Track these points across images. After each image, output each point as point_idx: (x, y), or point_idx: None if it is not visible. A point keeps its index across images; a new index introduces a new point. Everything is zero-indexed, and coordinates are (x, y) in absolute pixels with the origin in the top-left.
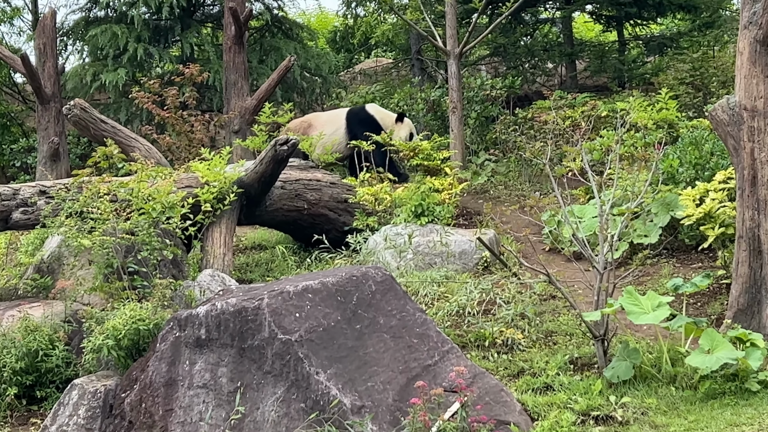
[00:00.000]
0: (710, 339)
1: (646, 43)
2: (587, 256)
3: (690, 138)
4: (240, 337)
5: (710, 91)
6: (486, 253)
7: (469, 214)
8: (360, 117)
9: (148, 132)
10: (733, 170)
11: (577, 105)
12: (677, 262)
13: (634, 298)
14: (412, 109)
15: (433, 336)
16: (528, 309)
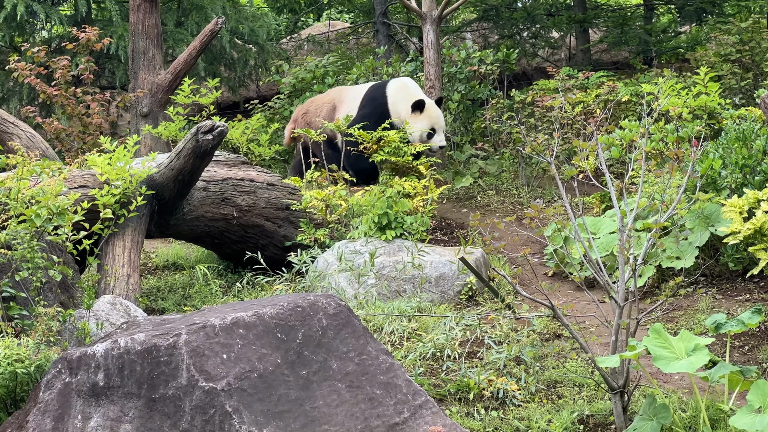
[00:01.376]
0: (762, 393)
1: (679, 7)
2: (602, 284)
3: (736, 132)
4: (149, 384)
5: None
6: (471, 278)
7: (449, 226)
8: (370, 97)
9: (31, 114)
10: None
11: (591, 87)
12: (719, 292)
13: (663, 340)
14: None
15: (401, 386)
16: (525, 352)
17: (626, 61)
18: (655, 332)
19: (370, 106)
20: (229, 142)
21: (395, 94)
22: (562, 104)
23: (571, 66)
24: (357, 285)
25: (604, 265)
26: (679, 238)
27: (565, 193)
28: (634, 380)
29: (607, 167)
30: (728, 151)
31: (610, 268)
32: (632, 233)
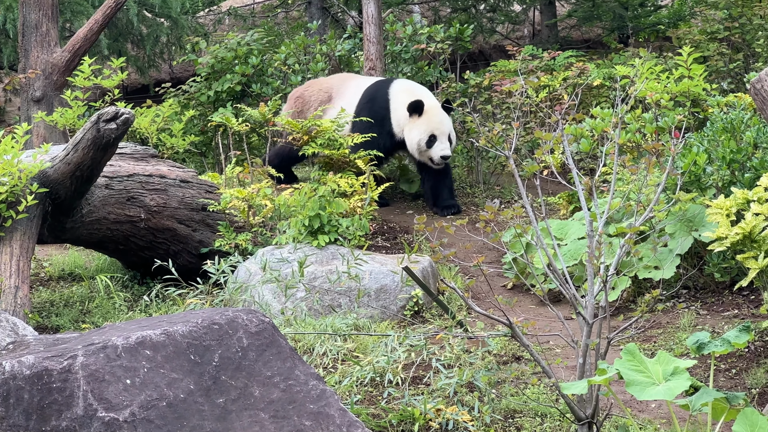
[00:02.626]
0: (749, 423)
1: None
2: (569, 298)
3: (723, 122)
4: (39, 415)
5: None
6: (417, 290)
7: (392, 231)
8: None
9: None
10: None
11: (558, 68)
12: (703, 307)
13: (638, 362)
14: (307, 70)
15: (334, 416)
16: (479, 377)
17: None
18: (628, 353)
19: (368, 108)
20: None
21: (398, 95)
22: (523, 89)
23: (535, 44)
24: (284, 298)
25: (571, 276)
26: (658, 245)
27: (525, 192)
28: (604, 409)
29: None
30: (714, 144)
31: (578, 279)
32: (604, 239)
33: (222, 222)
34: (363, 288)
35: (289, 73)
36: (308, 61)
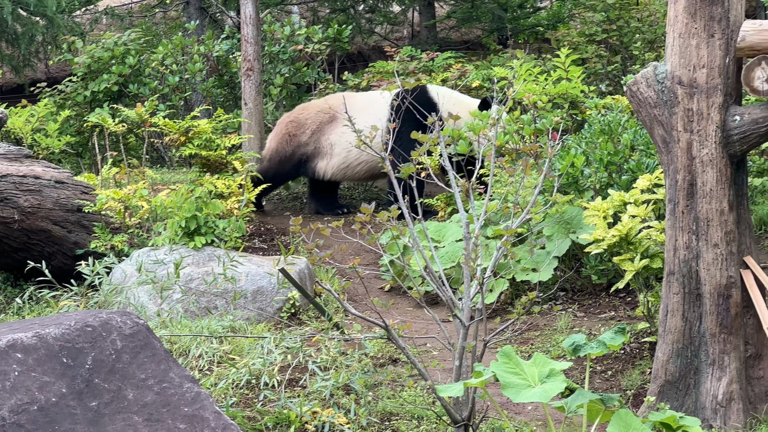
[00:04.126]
0: (624, 425)
1: None
2: (445, 300)
3: (601, 124)
4: None
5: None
6: (294, 292)
7: (269, 232)
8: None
9: None
10: (663, 173)
11: (437, 69)
12: (580, 309)
13: (514, 364)
14: (185, 70)
15: (209, 419)
16: (356, 379)
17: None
18: (504, 356)
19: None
20: (11, 131)
21: (444, 98)
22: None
23: (415, 45)
24: (160, 300)
25: (449, 279)
26: (535, 247)
27: (401, 194)
28: (480, 411)
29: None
30: (592, 146)
31: (456, 281)
32: (481, 241)
33: (98, 223)
34: (239, 290)
35: (166, 74)
36: (186, 61)
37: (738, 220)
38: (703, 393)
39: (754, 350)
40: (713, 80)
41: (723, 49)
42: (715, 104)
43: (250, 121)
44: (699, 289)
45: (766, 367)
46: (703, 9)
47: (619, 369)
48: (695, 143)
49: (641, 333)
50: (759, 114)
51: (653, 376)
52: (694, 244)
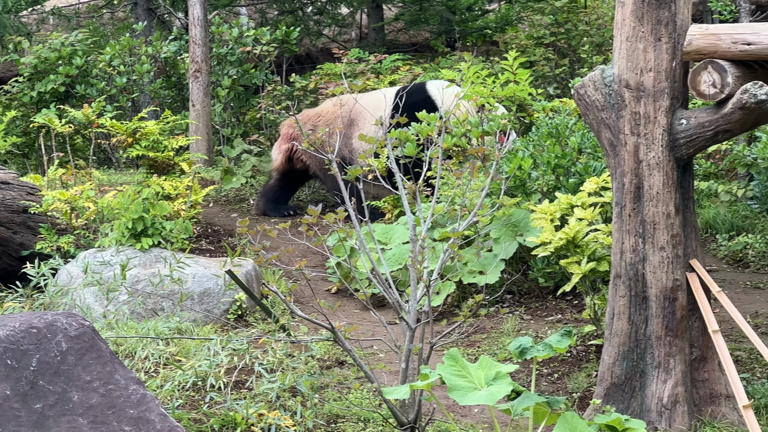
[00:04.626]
0: (569, 427)
1: None
2: (392, 303)
3: (549, 127)
4: None
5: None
6: (241, 294)
7: (216, 234)
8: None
9: None
10: (610, 176)
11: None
12: (527, 312)
13: (460, 367)
14: (132, 71)
15: (154, 421)
16: (302, 381)
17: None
18: (451, 358)
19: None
20: None
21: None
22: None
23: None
24: (106, 302)
25: (396, 281)
26: (482, 250)
27: (348, 195)
28: (427, 414)
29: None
30: (540, 149)
31: (403, 284)
32: (428, 244)
33: (44, 224)
34: (186, 291)
35: (114, 75)
36: (133, 62)
37: (684, 224)
38: (648, 396)
39: (699, 353)
40: (660, 84)
41: (670, 53)
42: (662, 108)
43: (198, 123)
44: (645, 292)
45: (710, 370)
46: (651, 13)
47: (566, 372)
48: (642, 146)
49: (588, 336)
50: (705, 118)
51: (599, 379)
52: (640, 247)
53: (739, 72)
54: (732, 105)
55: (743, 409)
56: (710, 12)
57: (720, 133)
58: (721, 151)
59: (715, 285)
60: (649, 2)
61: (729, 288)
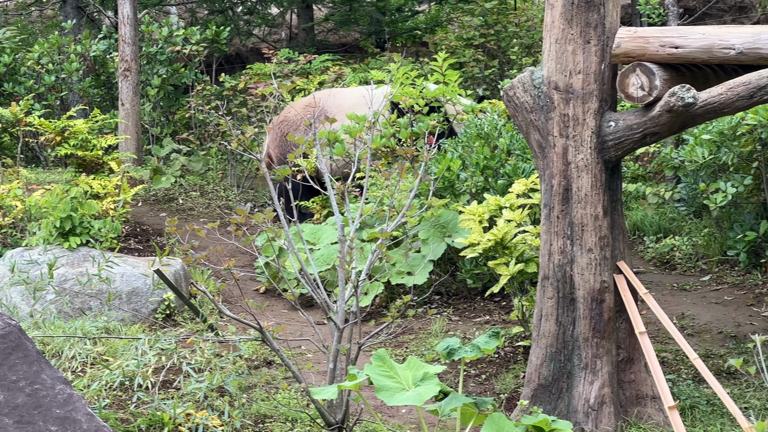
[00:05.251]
0: (496, 428)
1: None
2: (320, 303)
3: (478, 128)
4: None
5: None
6: (169, 294)
7: (145, 233)
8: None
9: None
10: (539, 178)
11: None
12: (455, 313)
13: (388, 368)
14: (61, 70)
15: (81, 421)
16: (230, 381)
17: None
18: (378, 359)
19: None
20: None
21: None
22: (278, 92)
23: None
24: (33, 301)
25: (324, 281)
26: (411, 251)
27: (277, 196)
28: (355, 414)
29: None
30: (468, 150)
31: (331, 284)
32: (356, 244)
33: None
34: (114, 291)
35: (42, 73)
36: (62, 60)
37: (612, 226)
38: (575, 397)
39: (625, 354)
40: (589, 86)
41: (599, 56)
42: (591, 110)
43: (127, 122)
44: (573, 294)
45: (637, 371)
46: (580, 15)
47: (493, 373)
48: (571, 148)
49: (515, 337)
50: (633, 120)
51: (527, 380)
52: (568, 248)
53: (667, 75)
54: (660, 108)
55: (668, 410)
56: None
57: (648, 135)
58: (649, 153)
59: (642, 287)
60: (579, 5)
61: (656, 290)
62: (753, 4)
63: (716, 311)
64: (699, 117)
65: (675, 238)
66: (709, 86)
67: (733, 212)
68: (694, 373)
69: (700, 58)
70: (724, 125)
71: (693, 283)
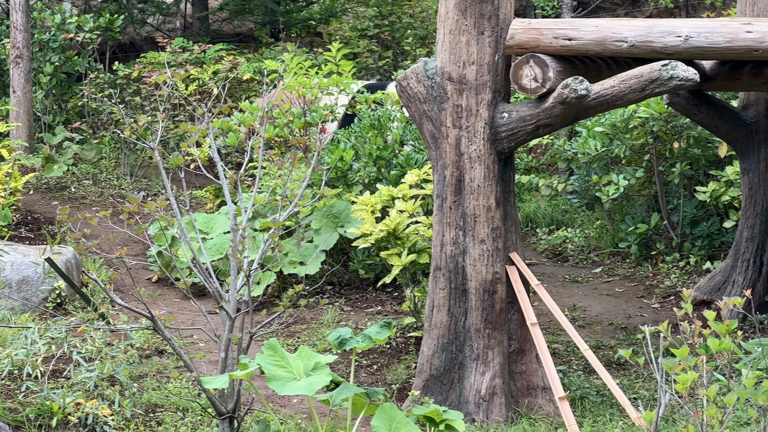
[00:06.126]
0: (388, 419)
1: None
2: (212, 292)
3: (371, 119)
4: None
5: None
6: (60, 282)
7: (36, 221)
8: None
9: None
10: (432, 169)
11: (208, 61)
12: (347, 303)
13: (280, 357)
14: None
15: None
16: (121, 370)
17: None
18: (270, 348)
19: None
20: None
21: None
22: (171, 81)
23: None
24: None
25: (216, 271)
26: (303, 240)
27: (170, 184)
28: (246, 404)
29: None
30: (362, 140)
31: (224, 273)
32: (248, 233)
33: None
34: (4, 279)
35: None
36: None
37: (505, 217)
38: (467, 387)
39: (517, 345)
40: (482, 77)
41: (492, 47)
42: (484, 101)
43: (19, 109)
44: (465, 285)
45: (528, 362)
46: (474, 6)
47: (385, 363)
48: (464, 139)
49: (407, 328)
50: (527, 111)
51: (418, 371)
52: (461, 239)
53: (561, 67)
54: (553, 99)
55: (559, 400)
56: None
57: (541, 127)
58: (542, 145)
59: (534, 278)
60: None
61: (548, 281)
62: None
63: (607, 303)
64: (592, 109)
65: (567, 230)
66: (602, 79)
67: (625, 205)
68: (584, 364)
69: (594, 51)
70: (617, 118)
71: (585, 275)
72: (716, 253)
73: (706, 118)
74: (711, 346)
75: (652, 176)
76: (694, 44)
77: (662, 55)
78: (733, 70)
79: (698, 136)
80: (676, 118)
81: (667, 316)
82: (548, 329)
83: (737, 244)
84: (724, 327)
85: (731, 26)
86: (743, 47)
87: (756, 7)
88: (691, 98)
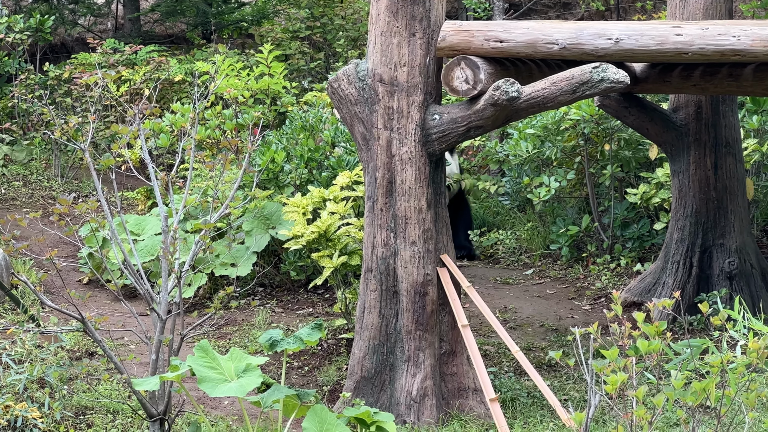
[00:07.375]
0: (319, 420)
1: None
2: (143, 294)
3: (303, 120)
4: None
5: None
6: None
7: None
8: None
9: None
10: (363, 171)
11: (140, 63)
12: (279, 305)
13: (211, 359)
14: None
15: None
16: (51, 372)
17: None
18: (201, 350)
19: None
20: None
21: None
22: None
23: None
24: None
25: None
26: (234, 242)
27: (100, 186)
28: (177, 406)
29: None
30: (293, 142)
31: (155, 275)
32: (180, 235)
33: None
34: None
35: None
36: None
37: (436, 219)
38: (398, 389)
39: (448, 347)
40: (414, 79)
41: (424, 49)
42: (416, 103)
43: None
44: (396, 287)
45: (459, 364)
46: (405, 8)
47: (316, 365)
48: (395, 141)
49: (339, 329)
50: (458, 113)
51: (349, 372)
52: (392, 241)
53: (492, 69)
54: (484, 101)
55: (490, 402)
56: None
57: (472, 128)
58: (474, 147)
59: (465, 280)
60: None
61: (479, 283)
62: (577, 1)
63: (538, 305)
64: (523, 111)
65: (499, 232)
66: (533, 81)
67: (556, 206)
68: (515, 366)
69: (525, 53)
70: (548, 120)
71: (516, 277)
72: (647, 255)
73: (637, 121)
74: (641, 347)
75: (583, 178)
76: (625, 47)
77: (593, 58)
78: (663, 73)
79: (629, 139)
80: (607, 120)
81: (598, 318)
82: (479, 331)
83: (667, 246)
84: (653, 328)
85: (661, 29)
86: (673, 50)
87: (686, 11)
88: (622, 100)
